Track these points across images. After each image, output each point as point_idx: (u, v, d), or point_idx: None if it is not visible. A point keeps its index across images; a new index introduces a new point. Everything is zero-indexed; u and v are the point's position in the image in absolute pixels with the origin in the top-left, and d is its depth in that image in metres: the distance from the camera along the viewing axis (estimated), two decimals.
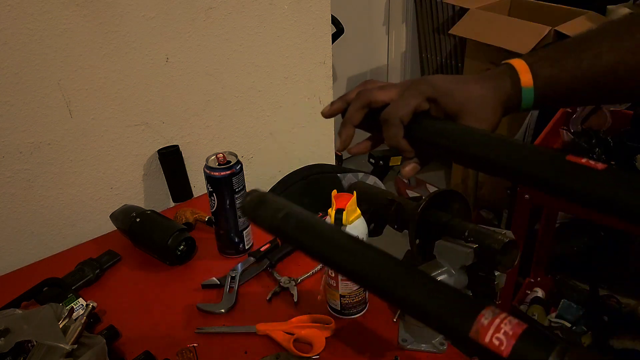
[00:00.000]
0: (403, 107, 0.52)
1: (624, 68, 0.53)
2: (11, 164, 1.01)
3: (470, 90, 0.54)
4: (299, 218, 0.50)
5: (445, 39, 2.64)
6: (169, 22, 1.10)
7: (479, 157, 0.49)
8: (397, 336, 0.81)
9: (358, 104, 0.55)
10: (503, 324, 0.37)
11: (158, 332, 0.85)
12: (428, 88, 0.53)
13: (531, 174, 0.45)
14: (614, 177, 0.41)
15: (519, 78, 0.53)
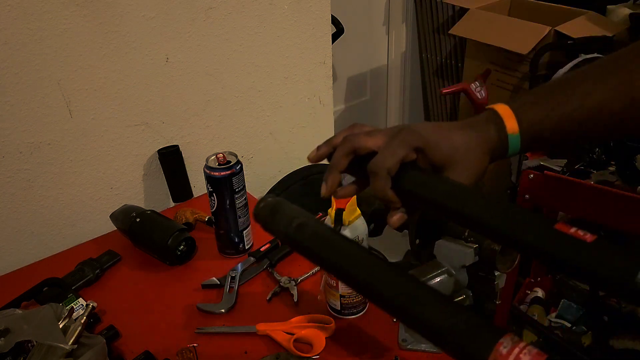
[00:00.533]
0: (390, 159, 0.51)
1: (610, 109, 0.52)
2: (11, 164, 1.01)
3: (456, 139, 0.53)
4: (313, 229, 0.49)
5: (445, 39, 2.64)
6: (169, 22, 1.10)
7: (464, 215, 0.48)
8: (397, 336, 0.81)
9: (344, 150, 0.54)
10: (522, 354, 0.36)
11: (158, 332, 0.85)
12: (415, 138, 0.52)
13: (516, 239, 0.44)
14: (602, 251, 0.39)
15: (504, 125, 0.53)
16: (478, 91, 2.11)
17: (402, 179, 0.52)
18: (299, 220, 0.50)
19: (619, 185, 1.27)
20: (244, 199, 0.97)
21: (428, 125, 0.54)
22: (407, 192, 0.52)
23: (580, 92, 0.52)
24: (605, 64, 0.54)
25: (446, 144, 0.53)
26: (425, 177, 0.52)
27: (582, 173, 1.32)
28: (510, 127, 0.53)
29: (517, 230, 0.44)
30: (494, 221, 0.46)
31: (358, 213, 0.79)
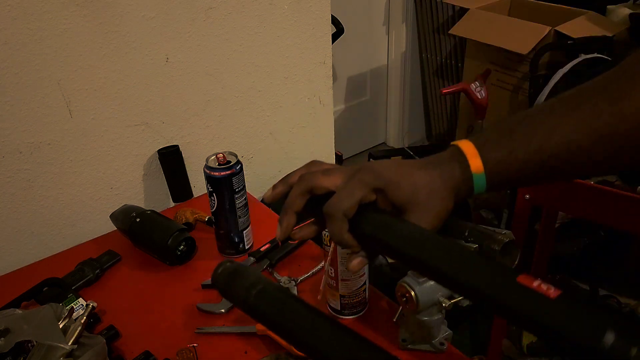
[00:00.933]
0: (347, 200, 0.49)
1: (577, 146, 0.48)
2: (11, 164, 1.01)
3: (417, 179, 0.50)
4: (274, 295, 0.47)
5: (445, 39, 2.64)
6: (169, 22, 1.10)
7: (424, 263, 0.46)
8: (397, 336, 0.81)
9: (299, 189, 0.52)
10: None
11: (158, 332, 0.85)
12: (373, 178, 0.50)
13: (477, 292, 0.42)
14: (567, 310, 0.37)
15: (468, 164, 0.50)
16: (478, 91, 2.11)
17: (361, 222, 0.49)
18: (260, 286, 0.48)
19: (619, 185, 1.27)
20: (244, 199, 0.97)
21: (389, 164, 0.52)
22: (365, 235, 0.50)
23: (544, 129, 0.49)
24: (570, 97, 0.51)
25: (407, 184, 0.50)
26: (384, 219, 0.49)
27: None
28: (474, 166, 0.50)
29: (477, 283, 0.42)
30: (454, 272, 0.44)
31: None
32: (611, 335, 0.34)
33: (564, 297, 0.37)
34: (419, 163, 0.52)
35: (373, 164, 0.52)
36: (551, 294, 0.38)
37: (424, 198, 0.50)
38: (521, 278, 0.39)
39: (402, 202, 0.50)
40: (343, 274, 0.81)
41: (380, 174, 0.51)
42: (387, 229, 0.48)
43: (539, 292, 0.38)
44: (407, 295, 0.72)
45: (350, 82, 2.78)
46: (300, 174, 0.54)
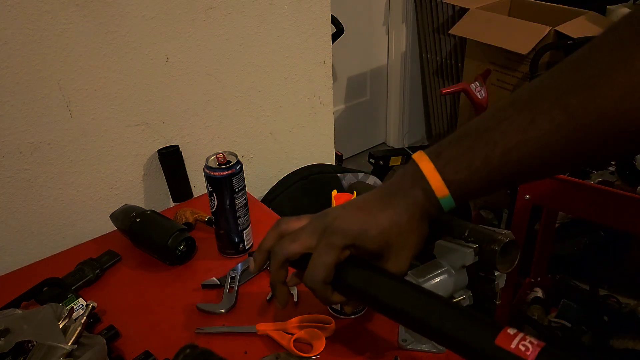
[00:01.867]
0: (322, 271, 0.50)
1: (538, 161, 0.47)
2: (11, 164, 1.01)
3: (383, 222, 0.50)
4: None
5: (445, 39, 2.64)
6: (169, 22, 1.10)
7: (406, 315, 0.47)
8: (397, 336, 0.81)
9: (276, 265, 0.54)
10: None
11: (158, 332, 0.85)
12: (341, 238, 0.50)
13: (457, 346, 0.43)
14: None
15: (431, 190, 0.49)
16: (478, 91, 2.11)
17: (342, 278, 0.50)
18: None
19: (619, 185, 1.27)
20: (244, 199, 0.97)
21: (352, 214, 0.51)
22: (349, 290, 0.51)
23: (503, 144, 0.47)
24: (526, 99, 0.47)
25: (375, 232, 0.50)
26: (363, 275, 0.50)
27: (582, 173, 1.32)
28: (439, 192, 0.49)
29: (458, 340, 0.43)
30: (435, 324, 0.44)
31: None
32: None
33: (543, 354, 0.37)
34: (381, 198, 0.51)
35: (337, 218, 0.51)
36: (529, 355, 0.38)
37: (395, 240, 0.50)
38: (500, 339, 0.39)
39: (375, 249, 0.50)
40: None
41: (346, 231, 0.50)
42: (367, 284, 0.49)
43: (517, 354, 0.38)
44: None
45: (350, 82, 2.78)
46: (272, 237, 0.55)
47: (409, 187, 0.50)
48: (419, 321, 0.46)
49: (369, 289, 0.49)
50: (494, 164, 0.47)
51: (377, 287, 0.49)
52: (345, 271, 0.50)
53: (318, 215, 0.53)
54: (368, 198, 0.52)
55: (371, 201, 0.51)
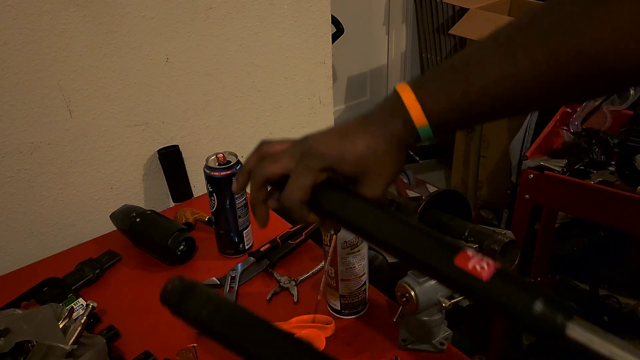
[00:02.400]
0: (298, 192, 0.51)
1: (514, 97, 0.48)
2: (11, 164, 1.01)
3: (360, 147, 0.51)
4: (230, 313, 0.49)
5: (445, 39, 2.64)
6: (169, 22, 1.10)
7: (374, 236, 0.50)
8: (397, 336, 0.81)
9: (256, 184, 0.55)
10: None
11: (158, 332, 0.85)
12: (319, 162, 0.51)
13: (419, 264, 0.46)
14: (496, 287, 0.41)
15: (411, 119, 0.50)
16: None
17: (318, 200, 0.52)
18: (214, 304, 0.50)
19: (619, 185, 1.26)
20: (244, 199, 0.97)
21: (331, 139, 0.52)
22: (324, 211, 0.53)
23: (481, 78, 0.48)
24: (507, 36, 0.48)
25: (352, 156, 0.51)
26: (338, 197, 0.52)
27: (582, 173, 1.32)
28: (418, 122, 0.50)
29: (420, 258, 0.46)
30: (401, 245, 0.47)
31: None
32: (540, 305, 0.39)
33: (497, 275, 0.41)
34: (360, 125, 0.52)
35: (316, 142, 0.53)
36: (484, 275, 0.41)
37: (372, 165, 0.51)
38: (459, 259, 0.43)
39: (352, 173, 0.52)
40: (343, 274, 0.81)
41: (324, 154, 0.51)
42: (341, 206, 0.52)
43: (473, 274, 0.42)
44: (407, 295, 0.72)
45: (350, 82, 2.78)
46: (253, 161, 0.56)
47: (388, 116, 0.51)
48: (384, 242, 0.49)
49: (342, 211, 0.52)
50: (472, 98, 0.48)
51: (349, 210, 0.51)
52: (320, 193, 0.52)
53: (299, 140, 0.55)
54: (348, 125, 0.53)
55: (350, 127, 0.53)
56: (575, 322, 0.39)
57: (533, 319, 0.39)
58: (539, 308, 0.39)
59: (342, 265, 0.80)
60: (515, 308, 0.40)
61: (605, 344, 0.37)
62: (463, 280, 0.42)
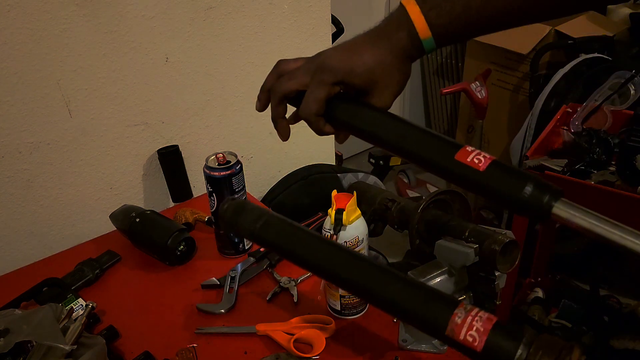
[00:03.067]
0: (314, 105, 0.56)
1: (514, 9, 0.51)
2: (11, 164, 1.01)
3: (368, 60, 0.55)
4: (278, 225, 0.54)
5: None
6: (168, 22, 1.10)
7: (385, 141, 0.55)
8: (397, 336, 0.81)
9: (275, 101, 0.60)
10: (475, 321, 0.42)
11: (158, 332, 0.85)
12: (331, 76, 0.55)
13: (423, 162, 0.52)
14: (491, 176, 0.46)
15: (415, 31, 0.53)
16: (478, 91, 2.11)
17: (333, 112, 0.58)
18: (264, 219, 0.54)
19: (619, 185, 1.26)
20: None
21: (341, 54, 0.56)
22: (339, 121, 0.58)
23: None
24: None
25: (361, 69, 0.55)
26: (350, 108, 0.57)
27: (582, 173, 1.32)
28: (422, 34, 0.53)
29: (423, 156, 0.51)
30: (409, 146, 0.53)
31: (358, 213, 0.79)
32: (529, 188, 0.44)
33: (492, 166, 0.46)
34: (368, 40, 0.56)
35: (328, 57, 0.56)
36: (481, 166, 0.46)
37: (380, 77, 0.55)
38: (459, 154, 0.48)
39: (362, 85, 0.56)
40: None
41: (336, 68, 0.55)
42: (353, 116, 0.57)
43: (471, 166, 0.47)
44: None
45: None
46: (271, 80, 0.61)
47: (394, 30, 0.54)
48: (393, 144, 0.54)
49: (354, 120, 0.57)
50: (473, 11, 0.52)
51: (361, 118, 0.56)
52: (334, 105, 0.57)
53: (312, 57, 0.59)
54: (356, 40, 0.57)
55: (359, 42, 0.56)
56: (561, 202, 0.44)
57: (523, 201, 0.44)
58: (529, 191, 0.44)
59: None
60: (508, 192, 0.45)
61: (586, 218, 0.43)
62: (463, 171, 0.47)
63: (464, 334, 0.42)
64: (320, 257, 0.51)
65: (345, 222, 0.77)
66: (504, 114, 2.23)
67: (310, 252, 0.52)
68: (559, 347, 0.39)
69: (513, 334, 0.41)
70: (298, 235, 0.54)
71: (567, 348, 0.39)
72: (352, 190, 0.82)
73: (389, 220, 0.90)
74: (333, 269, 0.50)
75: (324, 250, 0.52)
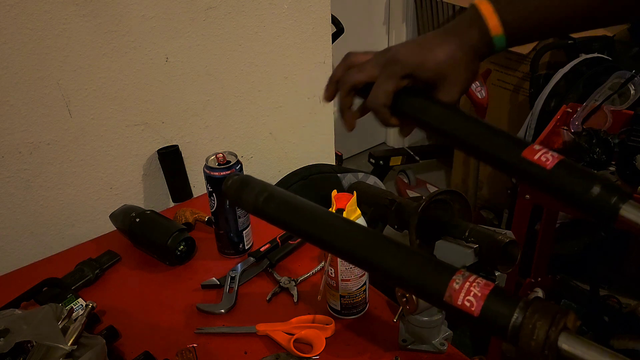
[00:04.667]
0: (382, 96, 0.57)
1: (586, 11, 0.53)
2: (10, 164, 1.01)
3: (440, 55, 0.55)
4: (280, 199, 0.54)
5: None
6: (168, 22, 1.10)
7: (454, 136, 0.56)
8: (397, 336, 0.81)
9: (344, 91, 0.61)
10: (472, 287, 0.42)
11: (158, 332, 0.85)
12: (401, 69, 0.56)
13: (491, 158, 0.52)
14: (559, 175, 0.46)
15: (487, 28, 0.54)
16: (478, 91, 2.11)
17: (400, 105, 0.58)
18: (267, 193, 0.55)
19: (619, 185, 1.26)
20: None
21: (412, 48, 0.57)
22: (405, 114, 0.59)
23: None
24: None
25: (432, 64, 0.56)
26: (418, 102, 0.58)
27: None
28: (494, 30, 0.54)
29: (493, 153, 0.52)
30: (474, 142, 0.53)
31: (358, 213, 0.79)
32: (597, 188, 0.44)
33: (560, 164, 0.46)
34: (440, 36, 0.57)
35: (398, 51, 0.57)
36: (548, 165, 0.46)
37: (449, 71, 0.56)
38: (526, 152, 0.48)
39: (431, 79, 0.57)
40: (343, 274, 0.81)
41: (406, 62, 0.56)
42: (419, 110, 0.58)
43: (538, 164, 0.46)
44: (407, 296, 0.72)
45: None
46: (340, 71, 0.61)
47: (466, 27, 0.55)
48: (458, 138, 0.55)
49: (420, 114, 0.58)
50: (545, 10, 0.53)
51: (427, 112, 0.57)
52: (402, 98, 0.58)
53: (382, 50, 0.60)
54: (427, 36, 0.58)
55: (430, 38, 0.57)
56: (629, 204, 0.43)
57: (591, 201, 0.44)
58: (596, 191, 0.44)
59: (342, 265, 0.80)
60: (576, 192, 0.45)
61: None
62: (530, 169, 0.47)
63: (461, 299, 0.42)
64: (320, 228, 0.52)
65: None
66: (504, 114, 2.23)
67: (311, 223, 0.52)
68: (554, 311, 0.39)
69: (510, 299, 0.41)
70: (299, 207, 0.54)
71: (562, 312, 0.39)
72: (352, 190, 0.82)
73: (389, 220, 0.90)
74: (333, 240, 0.51)
75: (324, 221, 0.52)
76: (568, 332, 0.38)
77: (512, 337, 0.40)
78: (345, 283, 0.82)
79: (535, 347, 0.39)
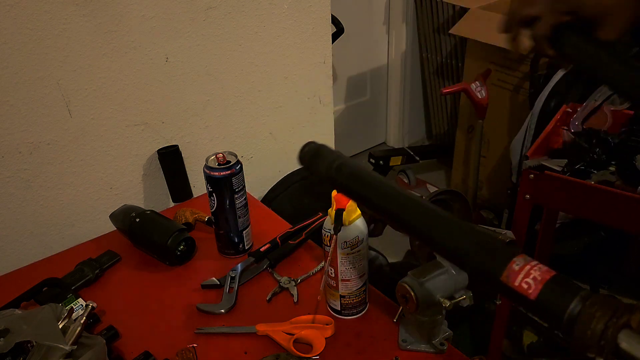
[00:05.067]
0: (544, 26, 0.63)
1: None
2: (10, 164, 1.01)
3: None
4: (351, 169, 0.57)
5: (445, 39, 2.64)
6: (168, 22, 1.10)
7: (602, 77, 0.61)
8: (397, 336, 0.81)
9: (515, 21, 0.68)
10: (533, 270, 0.40)
11: (158, 332, 0.85)
12: (562, 4, 0.61)
13: None
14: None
15: None
16: (478, 91, 2.11)
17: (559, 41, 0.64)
18: (339, 162, 0.57)
19: (619, 185, 1.26)
20: (243, 199, 0.97)
21: None
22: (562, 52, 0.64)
23: None
24: None
25: (593, 1, 0.59)
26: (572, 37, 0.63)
27: (582, 173, 1.32)
28: None
29: None
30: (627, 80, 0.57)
31: (358, 213, 0.79)
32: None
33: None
34: None
35: None
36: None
37: (611, 8, 0.59)
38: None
39: (592, 16, 0.60)
40: (343, 274, 0.81)
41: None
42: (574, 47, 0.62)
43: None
44: (407, 295, 0.72)
45: (350, 82, 2.78)
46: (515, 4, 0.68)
47: None
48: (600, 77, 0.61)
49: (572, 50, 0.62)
50: None
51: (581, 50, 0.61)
52: (561, 33, 0.63)
53: None
54: None
55: None
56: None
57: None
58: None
59: (342, 265, 0.80)
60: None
61: None
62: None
63: (519, 280, 0.40)
64: (387, 200, 0.53)
65: (345, 222, 0.77)
66: (504, 114, 2.22)
67: (377, 194, 0.54)
68: (616, 306, 0.37)
69: (571, 287, 0.39)
70: (367, 179, 0.56)
71: (627, 308, 0.37)
72: None
73: None
74: (398, 213, 0.52)
75: (389, 194, 0.53)
76: (631, 331, 0.36)
77: (567, 325, 0.38)
78: (345, 283, 0.82)
79: (591, 337, 0.37)
